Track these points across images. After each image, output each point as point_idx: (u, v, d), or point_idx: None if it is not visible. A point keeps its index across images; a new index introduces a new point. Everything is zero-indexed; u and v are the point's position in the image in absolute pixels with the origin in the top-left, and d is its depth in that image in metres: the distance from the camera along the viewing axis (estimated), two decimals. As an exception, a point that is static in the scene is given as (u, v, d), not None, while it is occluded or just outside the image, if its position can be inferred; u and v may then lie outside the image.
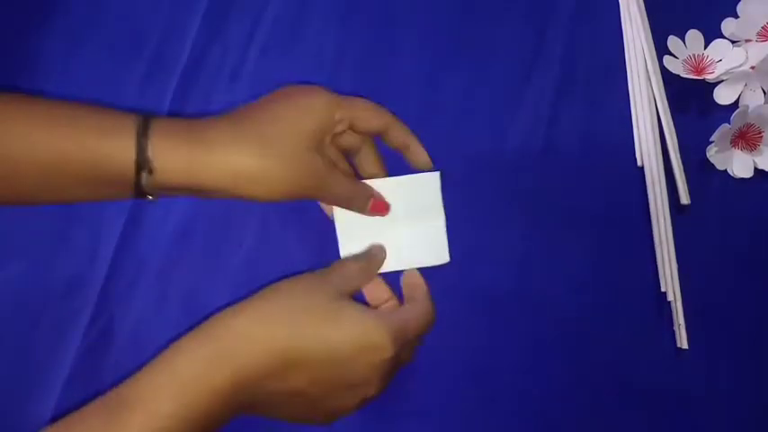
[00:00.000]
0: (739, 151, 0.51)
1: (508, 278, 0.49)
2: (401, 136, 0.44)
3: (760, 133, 0.51)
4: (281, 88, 0.42)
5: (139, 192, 0.37)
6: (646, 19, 0.52)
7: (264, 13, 0.50)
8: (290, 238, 0.48)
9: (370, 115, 0.43)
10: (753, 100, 0.51)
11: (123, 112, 0.38)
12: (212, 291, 0.46)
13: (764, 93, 0.52)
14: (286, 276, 0.39)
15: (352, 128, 0.42)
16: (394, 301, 0.43)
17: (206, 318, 0.45)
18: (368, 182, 0.44)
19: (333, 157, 0.43)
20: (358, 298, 0.42)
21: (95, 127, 0.36)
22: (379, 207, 0.44)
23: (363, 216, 0.43)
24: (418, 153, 0.44)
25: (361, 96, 0.43)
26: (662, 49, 0.52)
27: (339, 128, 0.42)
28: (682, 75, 0.51)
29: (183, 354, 0.36)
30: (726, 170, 0.51)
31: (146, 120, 0.37)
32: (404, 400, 0.47)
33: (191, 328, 0.45)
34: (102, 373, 0.45)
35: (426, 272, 0.43)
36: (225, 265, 0.47)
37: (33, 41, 0.49)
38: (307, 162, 0.39)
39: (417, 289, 0.43)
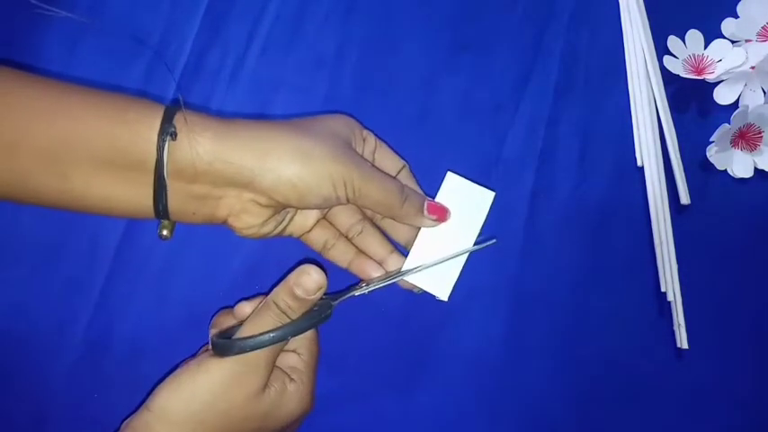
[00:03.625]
0: (739, 151, 0.51)
1: (508, 278, 0.49)
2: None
3: (760, 133, 0.51)
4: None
5: (160, 182, 0.35)
6: (646, 19, 0.52)
7: (264, 13, 0.50)
8: (289, 239, 0.47)
9: (387, 151, 0.44)
10: (753, 100, 0.51)
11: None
12: (212, 292, 0.46)
13: (764, 93, 0.52)
14: (285, 277, 0.39)
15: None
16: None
17: (206, 318, 0.45)
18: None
19: None
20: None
21: (120, 98, 0.36)
22: (438, 210, 0.42)
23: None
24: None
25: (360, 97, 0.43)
26: (662, 49, 0.52)
27: (360, 145, 0.42)
28: (682, 75, 0.51)
29: None
30: (726, 170, 0.51)
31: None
32: (403, 399, 0.47)
33: (190, 329, 0.46)
34: (102, 373, 0.45)
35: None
36: (224, 267, 0.47)
37: (34, 41, 0.49)
38: (344, 148, 0.38)
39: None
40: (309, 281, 0.37)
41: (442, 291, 0.43)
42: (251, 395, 0.37)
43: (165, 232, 0.39)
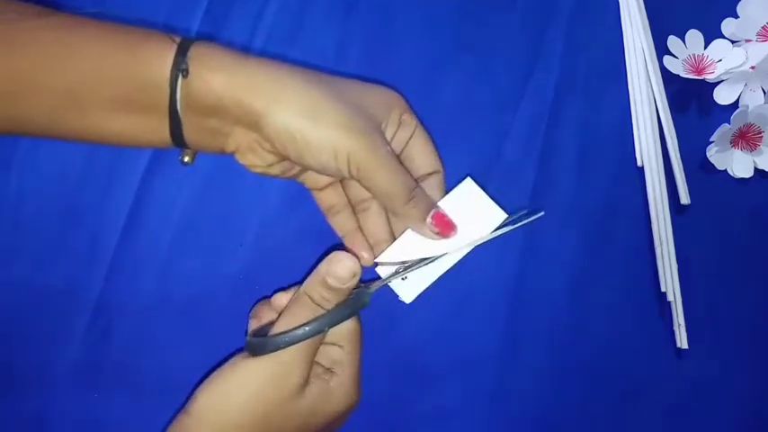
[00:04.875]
0: (739, 151, 0.51)
1: (507, 277, 0.49)
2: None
3: (760, 133, 0.51)
4: None
5: (174, 117, 0.35)
6: (646, 19, 0.52)
7: (265, 11, 0.50)
8: (289, 239, 0.47)
9: (426, 146, 0.41)
10: (753, 100, 0.51)
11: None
12: (212, 291, 0.46)
13: (764, 93, 0.52)
14: (286, 276, 0.39)
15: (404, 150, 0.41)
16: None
17: (206, 318, 0.45)
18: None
19: None
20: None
21: (135, 33, 0.35)
22: (444, 224, 0.39)
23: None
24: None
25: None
26: (662, 49, 0.52)
27: (393, 126, 0.40)
28: (682, 75, 0.51)
29: None
30: (726, 170, 0.51)
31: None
32: (402, 399, 0.47)
33: (190, 329, 0.46)
34: (102, 373, 0.45)
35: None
36: (225, 266, 0.47)
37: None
38: (364, 123, 0.36)
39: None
40: (342, 269, 0.36)
41: (407, 294, 0.40)
42: (290, 394, 0.36)
43: (186, 159, 0.38)
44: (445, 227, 0.39)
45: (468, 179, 0.42)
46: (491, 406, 0.48)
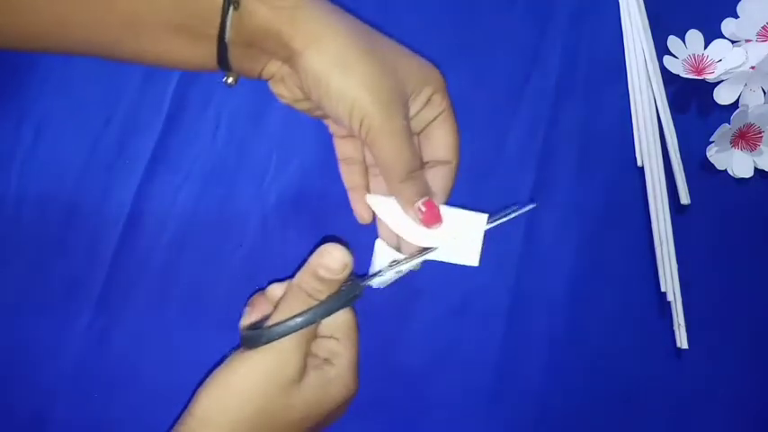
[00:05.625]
0: (739, 151, 0.51)
1: (507, 278, 0.49)
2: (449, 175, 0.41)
3: (760, 133, 0.51)
4: None
5: (222, 45, 0.36)
6: (646, 19, 0.52)
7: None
8: (290, 238, 0.47)
9: (447, 133, 0.40)
10: (753, 100, 0.51)
11: None
12: (212, 291, 0.46)
13: (764, 93, 0.52)
14: (286, 276, 0.39)
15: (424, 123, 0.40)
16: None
17: (206, 318, 0.45)
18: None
19: None
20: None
21: None
22: (430, 217, 0.39)
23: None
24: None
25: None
26: (662, 49, 0.52)
27: (420, 103, 0.39)
28: (682, 75, 0.51)
29: None
30: (726, 170, 0.51)
31: None
32: (401, 399, 0.47)
33: (190, 329, 0.46)
34: (103, 373, 0.45)
35: (423, 271, 0.43)
36: (225, 266, 0.47)
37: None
38: (390, 91, 0.36)
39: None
40: (333, 260, 0.36)
41: (472, 256, 0.40)
42: (287, 385, 0.36)
43: (230, 80, 0.39)
44: (432, 217, 0.39)
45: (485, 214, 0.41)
46: (491, 406, 0.48)
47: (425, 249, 0.40)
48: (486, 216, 0.40)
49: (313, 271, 0.37)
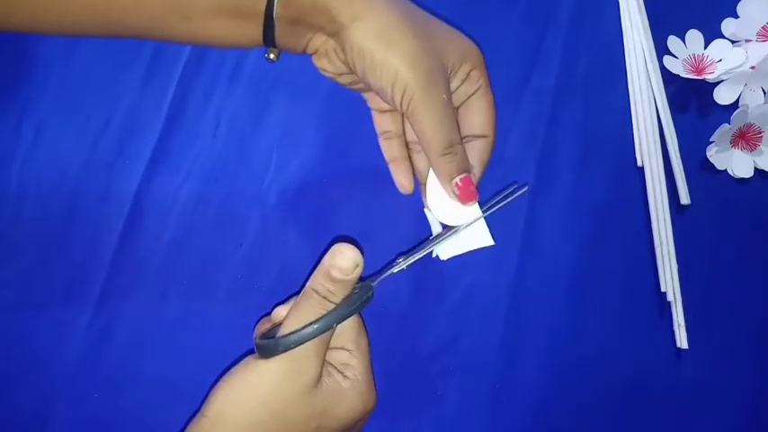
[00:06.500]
0: (739, 151, 0.51)
1: (507, 277, 0.49)
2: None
3: (760, 133, 0.51)
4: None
5: (269, 23, 0.36)
6: (646, 19, 0.52)
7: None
8: (290, 238, 0.48)
9: (485, 108, 0.41)
10: (753, 100, 0.51)
11: None
12: (212, 291, 0.46)
13: (764, 93, 0.52)
14: (285, 276, 0.39)
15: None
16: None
17: (205, 317, 0.45)
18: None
19: None
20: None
21: None
22: (466, 191, 0.39)
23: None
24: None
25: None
26: (662, 49, 0.52)
27: (459, 79, 0.40)
28: (682, 75, 0.51)
29: None
30: (726, 170, 0.51)
31: None
32: (401, 399, 0.47)
33: (190, 329, 0.46)
34: (103, 373, 0.45)
35: (423, 271, 0.43)
36: (225, 265, 0.47)
37: (33, 41, 0.49)
38: (431, 64, 0.37)
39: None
40: (344, 260, 0.37)
41: (484, 238, 0.41)
42: (304, 391, 0.36)
43: (272, 56, 0.40)
44: (468, 194, 0.40)
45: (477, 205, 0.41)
46: (491, 406, 0.48)
47: (436, 239, 0.41)
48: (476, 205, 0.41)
49: (326, 272, 0.37)
